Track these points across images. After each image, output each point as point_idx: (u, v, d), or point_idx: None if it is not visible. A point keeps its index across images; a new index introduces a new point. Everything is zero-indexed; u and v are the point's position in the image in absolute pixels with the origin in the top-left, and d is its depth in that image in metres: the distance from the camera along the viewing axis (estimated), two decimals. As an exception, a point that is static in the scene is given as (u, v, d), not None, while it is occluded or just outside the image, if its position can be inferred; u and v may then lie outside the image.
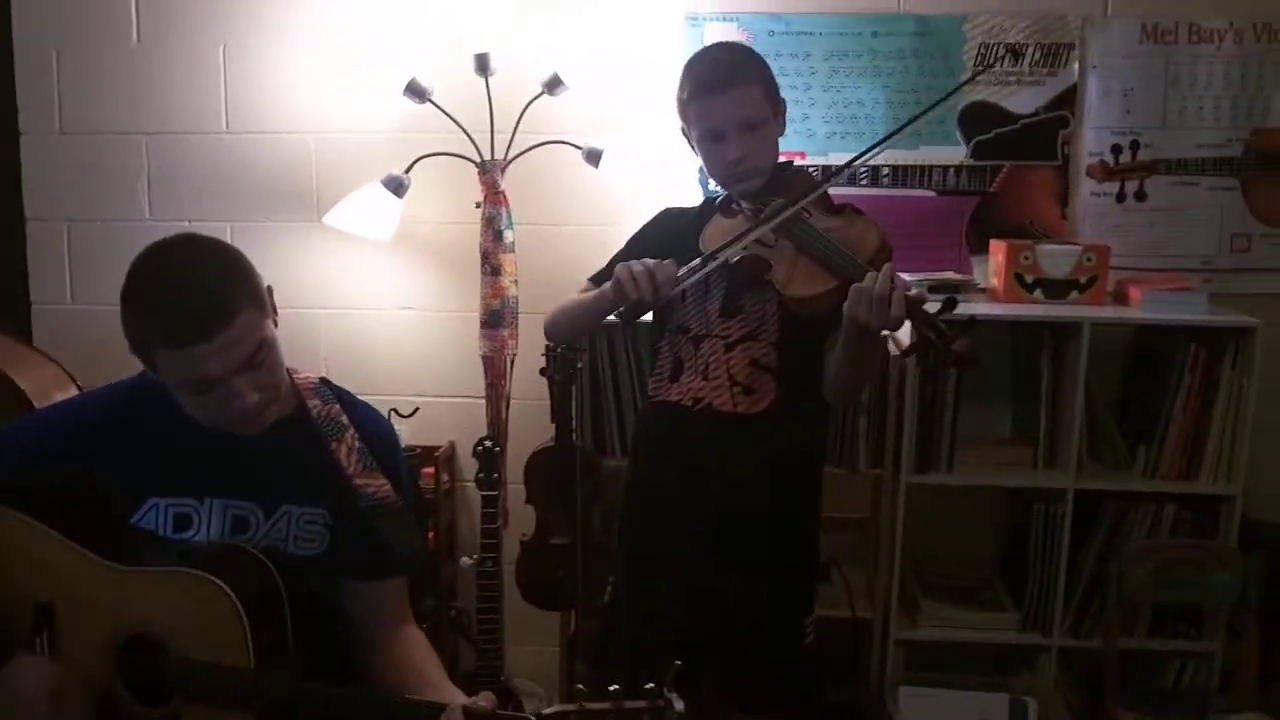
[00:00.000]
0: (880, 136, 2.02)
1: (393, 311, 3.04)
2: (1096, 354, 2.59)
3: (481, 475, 2.50)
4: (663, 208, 2.21)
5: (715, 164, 1.99)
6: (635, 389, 2.71)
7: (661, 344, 2.11)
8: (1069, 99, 2.82)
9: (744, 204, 2.01)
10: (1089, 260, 2.71)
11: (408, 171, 2.73)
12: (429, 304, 3.02)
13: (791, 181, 2.02)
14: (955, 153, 2.86)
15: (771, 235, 1.92)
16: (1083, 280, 2.71)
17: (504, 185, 2.72)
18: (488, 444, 2.51)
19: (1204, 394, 2.61)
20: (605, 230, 2.82)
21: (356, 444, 1.57)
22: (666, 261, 1.86)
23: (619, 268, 1.88)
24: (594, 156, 2.73)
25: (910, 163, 2.86)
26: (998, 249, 2.76)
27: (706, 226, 2.02)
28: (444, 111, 2.71)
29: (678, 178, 2.79)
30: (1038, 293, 2.71)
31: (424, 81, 2.70)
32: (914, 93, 2.83)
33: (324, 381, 1.64)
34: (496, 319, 2.72)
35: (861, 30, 2.83)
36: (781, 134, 2.03)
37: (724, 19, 2.83)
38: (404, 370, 3.04)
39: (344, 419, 1.58)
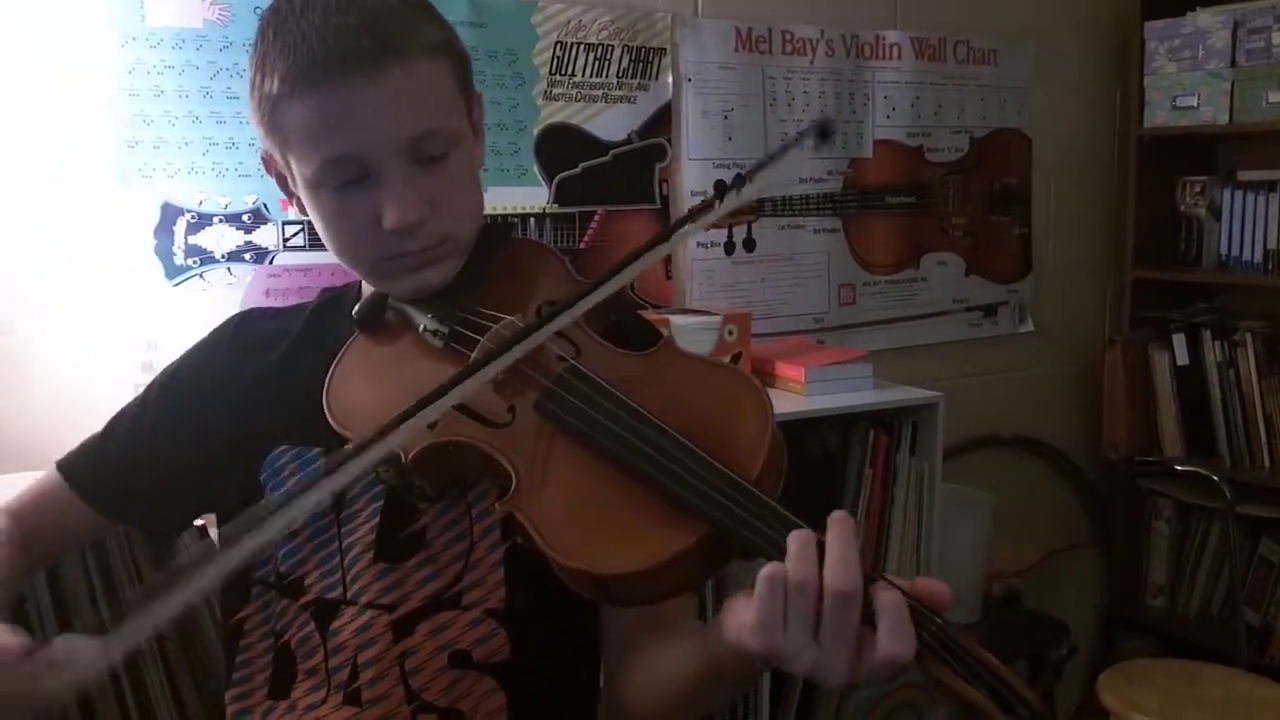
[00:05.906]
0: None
1: None
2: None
3: None
4: (237, 312, 1.14)
5: (354, 234, 0.94)
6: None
7: (245, 613, 0.99)
8: (665, 121, 2.13)
9: (425, 318, 0.95)
10: (730, 334, 2.03)
11: None
12: None
13: (521, 260, 1.00)
14: (536, 196, 2.02)
15: (502, 403, 0.87)
16: (726, 361, 2.03)
17: None
18: None
19: (884, 491, 2.08)
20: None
21: None
22: None
23: None
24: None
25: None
26: (619, 328, 1.97)
27: (338, 369, 0.96)
28: None
29: (134, 231, 1.60)
30: (679, 384, 1.97)
31: None
32: (475, 110, 1.94)
33: None
34: None
35: (396, 14, 1.87)
36: (482, 164, 1.04)
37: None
38: None
39: None
